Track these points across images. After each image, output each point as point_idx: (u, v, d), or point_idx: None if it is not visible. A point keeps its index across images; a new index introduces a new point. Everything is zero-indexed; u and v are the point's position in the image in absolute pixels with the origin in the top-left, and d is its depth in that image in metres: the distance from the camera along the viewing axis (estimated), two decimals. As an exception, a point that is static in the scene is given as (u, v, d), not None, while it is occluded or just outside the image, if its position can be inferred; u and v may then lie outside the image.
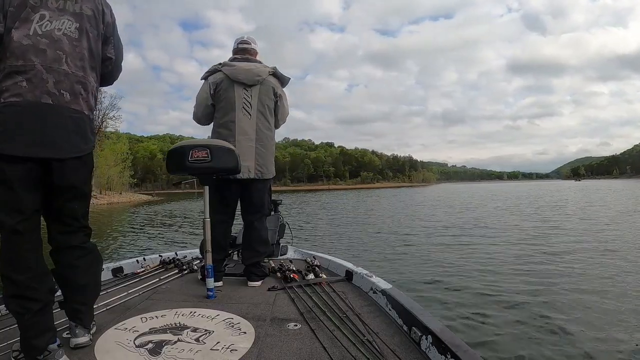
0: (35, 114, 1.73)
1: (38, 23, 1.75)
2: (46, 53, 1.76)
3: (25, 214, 1.74)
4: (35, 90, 1.72)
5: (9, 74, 1.69)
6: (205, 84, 3.16)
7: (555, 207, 23.34)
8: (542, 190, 52.91)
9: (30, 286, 1.69)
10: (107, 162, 52.64)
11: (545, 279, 6.23)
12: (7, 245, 1.71)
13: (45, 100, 1.75)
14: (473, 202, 28.36)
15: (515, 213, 19.59)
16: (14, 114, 1.68)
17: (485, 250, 9.02)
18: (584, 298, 5.22)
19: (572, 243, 9.78)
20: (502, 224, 14.21)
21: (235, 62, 3.16)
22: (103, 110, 51.65)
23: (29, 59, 1.72)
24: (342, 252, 8.95)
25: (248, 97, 3.13)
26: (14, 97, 1.68)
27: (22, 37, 1.70)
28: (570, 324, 4.28)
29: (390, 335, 2.05)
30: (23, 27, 1.71)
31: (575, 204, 25.87)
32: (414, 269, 7.19)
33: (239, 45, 3.27)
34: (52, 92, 1.77)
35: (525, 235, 11.35)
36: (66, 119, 1.82)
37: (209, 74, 3.16)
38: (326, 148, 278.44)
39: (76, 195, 1.96)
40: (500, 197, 37.32)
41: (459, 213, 18.36)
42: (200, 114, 3.24)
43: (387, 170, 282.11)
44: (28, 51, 1.71)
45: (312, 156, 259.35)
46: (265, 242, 3.26)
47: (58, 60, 1.79)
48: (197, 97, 3.21)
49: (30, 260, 1.74)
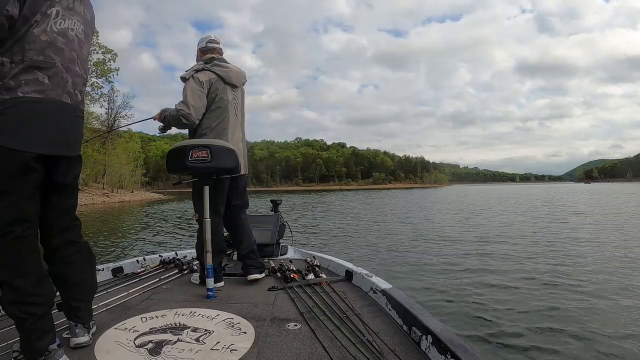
0: (57, 113, 1.76)
1: (54, 19, 1.74)
2: (64, 52, 1.78)
3: (32, 219, 1.75)
4: (57, 88, 1.75)
5: (29, 67, 1.67)
6: (194, 81, 3.01)
7: (560, 207, 23.52)
8: (550, 194, 52.38)
9: (33, 292, 1.67)
10: (119, 161, 53.01)
11: (546, 279, 6.19)
12: (8, 251, 1.67)
13: (66, 99, 1.79)
14: (488, 205, 28.06)
15: (522, 214, 19.50)
16: (37, 110, 1.68)
17: (485, 250, 8.97)
18: (584, 298, 5.18)
19: (572, 243, 9.76)
20: (505, 225, 14.09)
21: (225, 64, 3.17)
22: (115, 109, 52.06)
23: (49, 56, 1.72)
24: (342, 252, 8.95)
25: (237, 98, 3.20)
26: (36, 93, 1.68)
27: (40, 32, 1.69)
28: (571, 325, 4.24)
29: (390, 335, 2.05)
30: (42, 21, 1.70)
31: (574, 205, 26.06)
32: (414, 269, 7.16)
33: (213, 45, 3.25)
34: (70, 91, 1.82)
35: (527, 235, 11.27)
36: (77, 119, 1.90)
37: (194, 71, 3.06)
38: (338, 148, 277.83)
39: (73, 191, 2.00)
40: (510, 200, 37.05)
41: (470, 217, 18.19)
42: (199, 104, 3.01)
43: (399, 171, 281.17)
44: (48, 47, 1.71)
45: (324, 156, 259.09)
46: (251, 229, 3.35)
47: (73, 61, 1.83)
48: (190, 89, 2.99)
49: (32, 265, 1.73)
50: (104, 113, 50.54)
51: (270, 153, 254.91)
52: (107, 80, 43.49)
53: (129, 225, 18.68)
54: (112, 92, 48.20)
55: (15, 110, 1.63)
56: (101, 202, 39.75)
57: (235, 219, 3.28)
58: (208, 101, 3.06)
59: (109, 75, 42.90)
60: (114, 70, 42.66)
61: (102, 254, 9.22)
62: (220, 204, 3.12)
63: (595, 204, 27.09)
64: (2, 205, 1.66)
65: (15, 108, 1.63)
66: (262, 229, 4.10)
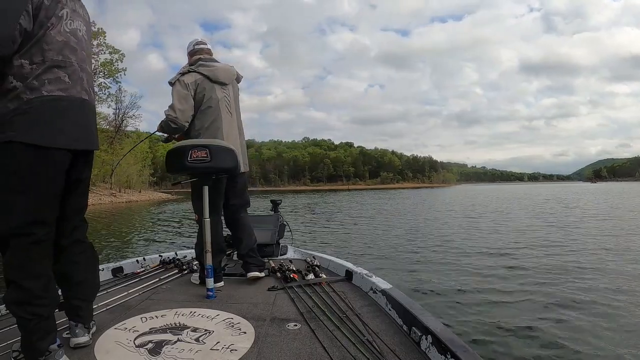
0: (79, 109, 1.82)
1: (65, 20, 1.79)
2: (77, 52, 1.83)
3: (52, 222, 1.78)
4: (76, 86, 1.81)
5: (50, 67, 1.71)
6: (179, 85, 3.01)
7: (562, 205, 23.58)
8: (562, 193, 52.00)
9: (42, 294, 1.68)
10: (127, 161, 53.20)
11: (547, 280, 6.14)
12: (23, 253, 1.67)
13: (84, 96, 1.86)
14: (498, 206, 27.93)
15: (522, 214, 19.46)
16: (61, 107, 1.73)
17: (485, 251, 8.88)
18: (584, 298, 5.14)
19: (577, 243, 9.67)
20: (510, 226, 13.92)
21: (212, 62, 3.16)
22: (123, 109, 52.00)
23: (66, 55, 1.77)
24: (342, 253, 8.92)
25: (228, 95, 3.18)
26: (60, 91, 1.73)
27: (57, 33, 1.74)
28: (572, 325, 4.21)
29: (390, 335, 2.05)
30: (57, 23, 1.75)
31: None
32: (414, 269, 7.14)
33: (200, 47, 3.26)
34: (86, 89, 1.87)
35: (528, 236, 11.17)
36: (94, 115, 1.97)
37: (180, 75, 3.07)
38: (346, 148, 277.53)
39: (86, 189, 2.04)
40: (517, 199, 36.84)
41: (476, 218, 18.09)
42: (185, 106, 3.00)
43: (407, 170, 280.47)
44: (64, 47, 1.77)
45: (331, 156, 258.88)
46: (252, 228, 3.33)
47: (85, 60, 1.89)
48: (176, 93, 3.00)
49: (44, 268, 1.74)
50: (112, 113, 50.70)
51: (278, 153, 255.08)
52: (114, 80, 43.87)
53: (133, 225, 18.72)
54: (119, 92, 48.33)
55: (41, 108, 1.68)
56: (109, 202, 39.87)
57: (236, 217, 3.28)
58: (197, 102, 3.05)
59: (116, 76, 43.24)
60: (121, 70, 43.02)
61: (103, 254, 9.23)
62: (219, 203, 3.14)
63: (603, 203, 26.86)
64: (25, 204, 1.67)
65: (40, 106, 1.67)
66: (262, 228, 4.11)
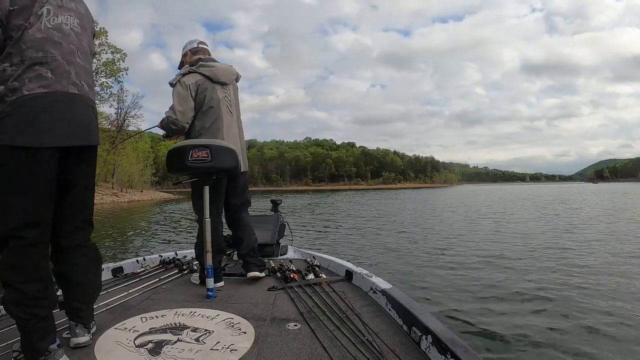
0: (66, 104, 1.76)
1: (46, 17, 1.76)
2: (62, 46, 1.79)
3: (46, 222, 1.75)
4: (61, 80, 1.76)
5: (30, 66, 1.68)
6: (180, 86, 3.02)
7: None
8: (567, 194, 51.91)
9: (39, 296, 1.67)
10: (129, 160, 53.29)
11: (549, 280, 6.11)
12: (17, 255, 1.66)
13: (72, 90, 1.80)
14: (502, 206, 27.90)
15: (526, 215, 19.43)
16: (45, 104, 1.69)
17: (487, 251, 8.83)
18: (585, 298, 5.12)
19: (578, 244, 9.61)
20: (512, 227, 13.85)
21: (212, 62, 3.17)
22: (125, 109, 51.79)
23: (48, 51, 1.73)
24: (342, 252, 8.90)
25: (228, 95, 3.19)
26: (42, 87, 1.69)
27: (35, 31, 1.70)
28: (573, 326, 4.19)
29: (390, 335, 2.04)
30: (35, 22, 1.71)
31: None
32: (414, 269, 7.12)
33: (202, 46, 3.27)
34: (75, 82, 1.82)
35: (530, 237, 11.12)
36: (89, 108, 1.90)
37: (181, 75, 3.07)
38: (347, 148, 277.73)
39: (85, 188, 1.99)
40: (520, 199, 36.82)
41: (477, 218, 18.05)
42: (186, 107, 3.01)
43: (409, 170, 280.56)
44: (45, 43, 1.72)
45: (333, 156, 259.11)
46: (253, 228, 3.33)
47: (73, 53, 1.83)
48: (176, 94, 3.01)
49: (40, 270, 1.72)
50: (114, 113, 50.71)
51: (280, 153, 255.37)
52: (116, 80, 43.85)
53: (133, 224, 18.70)
54: (121, 92, 48.33)
55: (23, 108, 1.65)
56: (110, 202, 39.83)
57: (237, 217, 3.28)
58: (198, 102, 3.06)
59: (118, 75, 43.25)
60: (123, 70, 43.04)
61: (102, 254, 9.20)
62: (219, 203, 3.14)
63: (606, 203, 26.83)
64: (16, 206, 1.66)
65: (22, 107, 1.64)
66: (262, 228, 4.10)
